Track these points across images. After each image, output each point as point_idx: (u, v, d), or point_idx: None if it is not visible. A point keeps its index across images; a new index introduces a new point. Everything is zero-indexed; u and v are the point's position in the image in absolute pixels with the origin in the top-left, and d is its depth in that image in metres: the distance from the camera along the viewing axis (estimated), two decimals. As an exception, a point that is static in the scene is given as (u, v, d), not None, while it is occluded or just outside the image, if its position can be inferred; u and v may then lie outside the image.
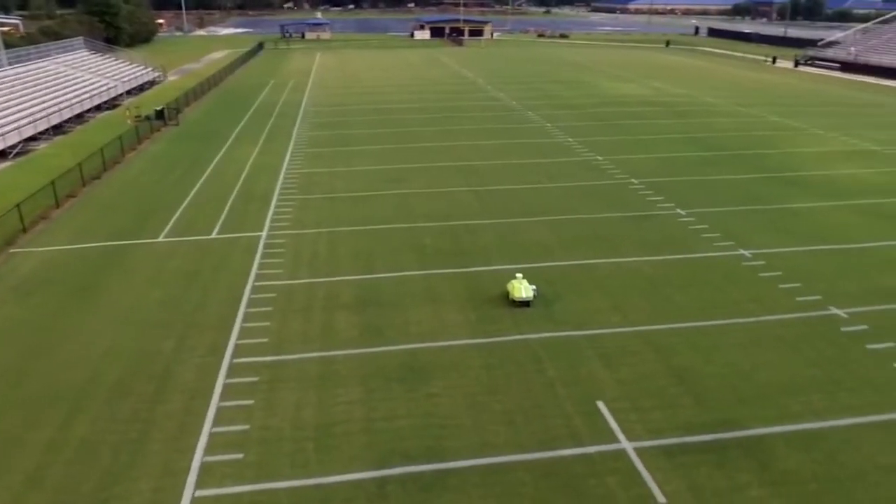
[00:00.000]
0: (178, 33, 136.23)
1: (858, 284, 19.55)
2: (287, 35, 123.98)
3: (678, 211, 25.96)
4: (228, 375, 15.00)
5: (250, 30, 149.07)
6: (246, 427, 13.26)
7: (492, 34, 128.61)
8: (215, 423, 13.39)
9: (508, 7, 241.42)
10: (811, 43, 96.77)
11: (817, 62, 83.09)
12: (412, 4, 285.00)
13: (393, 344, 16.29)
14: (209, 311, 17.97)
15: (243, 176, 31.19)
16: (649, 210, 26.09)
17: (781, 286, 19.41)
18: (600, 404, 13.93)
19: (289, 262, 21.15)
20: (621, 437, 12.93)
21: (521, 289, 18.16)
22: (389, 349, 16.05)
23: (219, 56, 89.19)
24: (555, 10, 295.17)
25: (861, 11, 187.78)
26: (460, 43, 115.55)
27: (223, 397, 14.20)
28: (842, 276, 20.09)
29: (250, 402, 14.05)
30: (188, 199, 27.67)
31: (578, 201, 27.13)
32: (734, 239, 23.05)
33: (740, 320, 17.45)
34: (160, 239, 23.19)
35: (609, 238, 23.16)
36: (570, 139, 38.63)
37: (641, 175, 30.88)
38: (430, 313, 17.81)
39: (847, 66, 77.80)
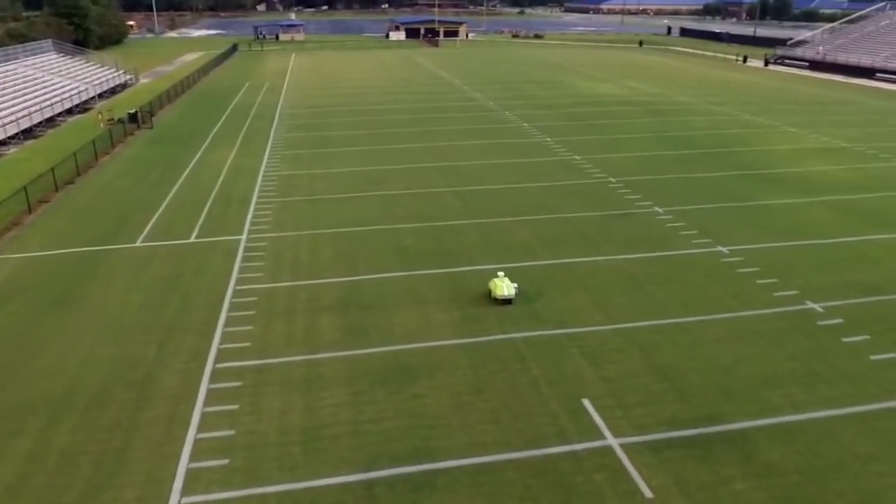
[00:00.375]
0: (150, 35, 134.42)
1: (833, 279, 19.95)
2: (261, 36, 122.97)
3: (656, 209, 26.25)
4: (212, 380, 14.85)
5: (223, 31, 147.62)
6: (231, 432, 13.13)
7: (467, 35, 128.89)
8: (200, 428, 13.25)
9: (483, 8, 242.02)
10: (780, 42, 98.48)
11: (787, 61, 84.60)
12: (386, 5, 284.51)
13: (378, 345, 16.25)
14: (190, 315, 17.76)
15: (221, 179, 30.88)
16: (628, 208, 26.36)
17: (759, 282, 19.74)
18: (585, 402, 14.04)
19: (270, 266, 20.99)
20: (607, 433, 13.04)
21: (503, 287, 18.28)
22: (374, 351, 16.01)
23: (192, 58, 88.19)
24: (528, 10, 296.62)
25: (827, 11, 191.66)
26: (436, 44, 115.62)
27: (207, 402, 14.05)
28: (817, 271, 20.48)
29: (235, 406, 13.92)
30: (165, 202, 27.33)
31: (559, 200, 27.31)
32: (712, 236, 23.38)
33: (720, 316, 17.71)
34: (138, 244, 22.86)
35: (590, 236, 23.35)
36: (548, 139, 38.87)
37: (619, 174, 31.18)
38: (414, 314, 17.80)
39: (815, 65, 79.34)
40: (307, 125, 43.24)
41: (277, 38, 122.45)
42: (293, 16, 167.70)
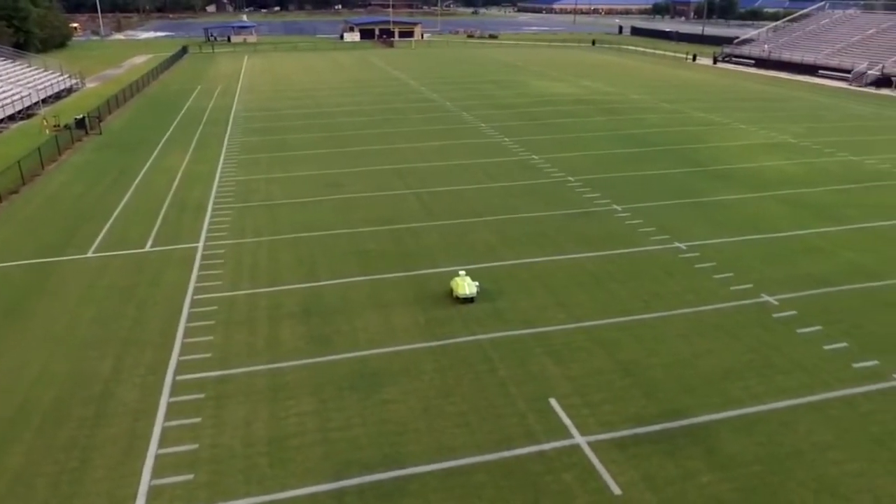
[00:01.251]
0: (95, 37, 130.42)
1: (786, 272, 20.55)
2: (212, 38, 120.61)
3: (615, 207, 26.64)
4: (172, 394, 14.46)
5: (172, 33, 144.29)
6: (195, 446, 12.80)
7: (422, 35, 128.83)
8: (161, 444, 12.88)
9: (437, 8, 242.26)
10: (727, 41, 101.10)
11: (734, 59, 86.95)
12: (339, 6, 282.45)
13: (342, 352, 16.07)
14: (147, 327, 17.27)
15: (175, 185, 30.14)
16: (587, 207, 26.68)
17: (716, 276, 20.20)
18: (552, 401, 14.13)
19: (229, 273, 20.56)
20: (575, 432, 13.15)
21: (465, 285, 18.47)
22: (339, 357, 15.83)
23: (140, 61, 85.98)
24: (482, 10, 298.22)
25: (770, 10, 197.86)
26: (391, 44, 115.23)
27: (168, 417, 13.68)
28: (771, 265, 21.07)
29: (197, 419, 13.58)
30: (117, 211, 26.54)
31: (519, 200, 27.48)
32: (669, 232, 23.83)
33: (680, 311, 18.05)
34: (89, 254, 22.14)
35: (551, 236, 23.55)
36: (506, 139, 39.09)
37: (577, 173, 31.55)
38: (378, 319, 17.67)
39: (761, 63, 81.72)
40: (263, 129, 42.57)
41: (229, 39, 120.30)
42: (245, 17, 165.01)
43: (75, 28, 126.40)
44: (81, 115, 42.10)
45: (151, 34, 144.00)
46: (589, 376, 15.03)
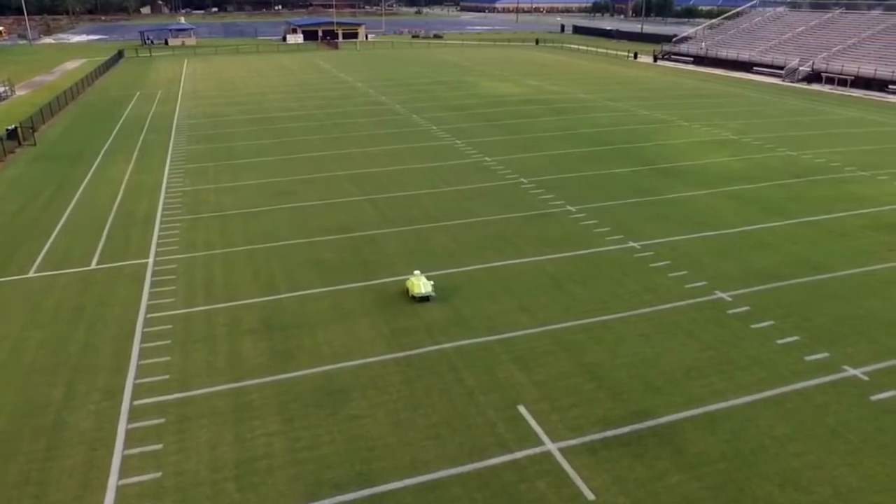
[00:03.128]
0: (22, 42, 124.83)
1: (738, 268, 21.17)
2: (148, 42, 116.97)
3: (569, 208, 26.97)
4: (130, 419, 13.91)
5: (105, 36, 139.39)
6: (157, 475, 12.34)
7: (366, 36, 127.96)
8: (122, 474, 12.37)
9: (379, 7, 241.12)
10: (667, 39, 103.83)
11: (673, 56, 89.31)
12: (280, 7, 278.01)
13: (306, 367, 15.76)
14: (99, 350, 16.58)
15: (119, 198, 29.08)
16: (543, 209, 26.93)
17: (671, 275, 20.66)
18: (521, 408, 14.18)
19: (182, 289, 19.94)
20: (545, 439, 13.23)
21: (420, 285, 18.81)
22: (303, 373, 15.52)
23: (74, 66, 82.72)
24: (425, 9, 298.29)
25: (705, 8, 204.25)
26: (335, 46, 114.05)
27: (128, 444, 13.15)
28: (723, 261, 21.67)
29: (159, 446, 13.10)
30: (59, 227, 25.42)
31: (475, 204, 27.53)
32: (623, 232, 24.27)
33: (640, 311, 18.38)
34: (31, 274, 21.13)
35: (509, 239, 23.67)
36: (458, 141, 39.14)
37: (531, 174, 31.82)
38: (341, 331, 17.41)
39: (699, 60, 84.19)
40: (208, 136, 41.49)
41: (167, 43, 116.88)
42: (182, 19, 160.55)
43: (0, 32, 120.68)
44: (13, 126, 40.19)
45: (83, 38, 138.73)
46: (556, 381, 15.14)
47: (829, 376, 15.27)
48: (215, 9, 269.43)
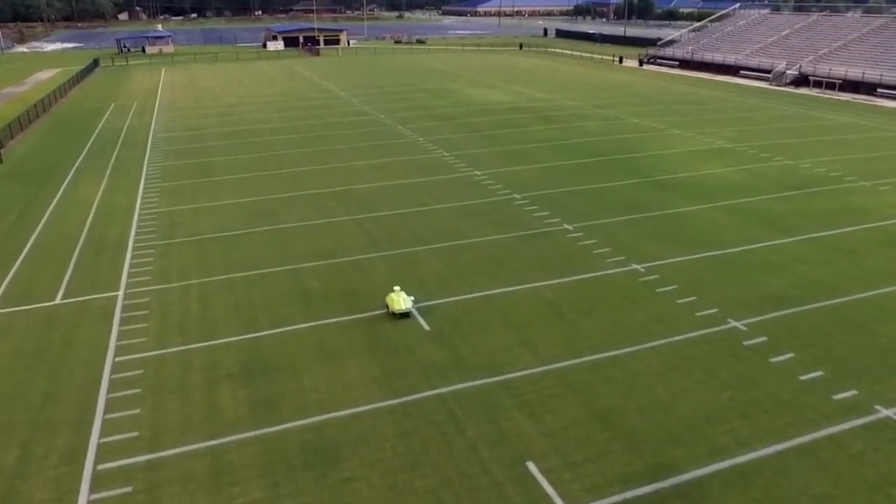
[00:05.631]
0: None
1: (747, 292, 20.00)
2: (125, 50, 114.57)
3: (566, 226, 25.72)
4: (94, 489, 12.39)
5: (82, 44, 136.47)
6: (122, 560, 10.86)
7: (348, 42, 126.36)
8: (82, 560, 10.87)
9: (360, 13, 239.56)
10: (650, 42, 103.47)
11: (659, 60, 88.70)
12: (260, 12, 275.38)
13: (291, 419, 14.32)
14: (61, 402, 15.01)
15: (89, 221, 27.40)
16: (538, 227, 25.65)
17: (679, 301, 19.44)
18: (531, 465, 12.84)
19: (155, 328, 18.38)
20: (560, 503, 11.89)
21: (400, 301, 18.32)
22: (288, 427, 14.07)
23: (46, 76, 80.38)
24: (407, 14, 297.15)
25: (686, 10, 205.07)
26: (317, 52, 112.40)
27: (89, 522, 11.65)
28: (731, 284, 20.50)
29: (125, 522, 11.61)
30: (23, 254, 23.73)
31: (466, 223, 26.19)
32: (624, 252, 23.04)
33: (650, 345, 17.12)
34: (-10, 312, 19.49)
35: (504, 262, 22.34)
36: (446, 154, 37.80)
37: (523, 189, 30.55)
38: (328, 374, 15.97)
39: (685, 64, 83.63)
40: (186, 151, 39.80)
41: (144, 50, 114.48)
42: (160, 26, 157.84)
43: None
44: (-21, 143, 38.30)
45: (58, 46, 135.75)
46: (566, 431, 13.82)
47: (862, 418, 14.09)
48: (194, 15, 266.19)
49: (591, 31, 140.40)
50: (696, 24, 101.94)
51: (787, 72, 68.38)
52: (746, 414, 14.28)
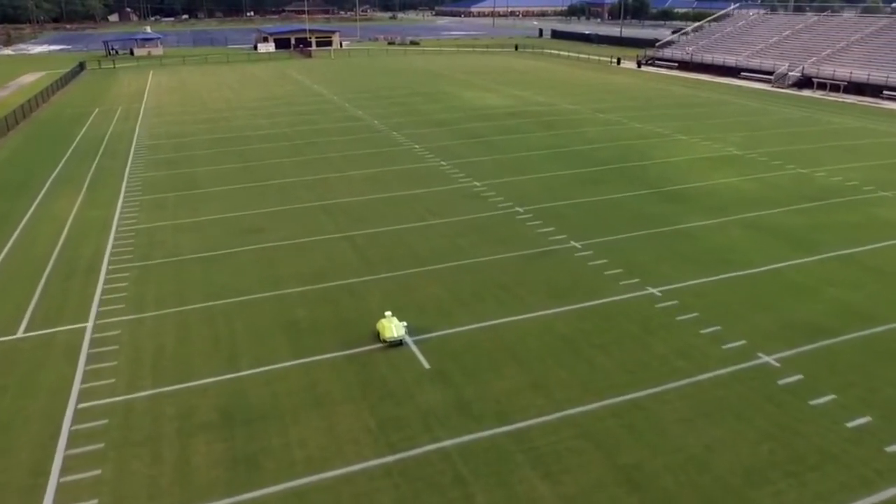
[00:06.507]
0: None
1: (776, 320, 18.31)
2: (112, 52, 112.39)
3: (573, 244, 24.00)
4: (41, 576, 10.59)
5: (69, 47, 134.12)
6: None
7: (340, 44, 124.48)
8: None
9: (353, 13, 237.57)
10: (647, 42, 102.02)
11: (657, 62, 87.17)
12: (252, 13, 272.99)
13: (275, 481, 12.53)
14: (12, 462, 13.18)
15: (62, 239, 25.54)
16: (543, 245, 23.92)
17: (702, 332, 17.74)
18: (550, 541, 11.11)
19: (125, 367, 16.55)
20: (587, 592, 10.16)
21: (392, 328, 16.91)
22: (272, 491, 12.28)
23: (30, 80, 78.26)
24: (400, 14, 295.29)
25: (681, 10, 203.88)
26: (309, 55, 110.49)
27: None
28: (757, 311, 18.80)
29: None
30: (-14, 280, 21.88)
31: (466, 240, 24.44)
32: (638, 274, 21.33)
33: (674, 385, 15.41)
34: (-58, 349, 17.62)
35: (510, 286, 20.60)
36: (443, 162, 36.05)
37: (526, 201, 28.82)
38: (317, 424, 14.19)
39: (684, 65, 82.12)
40: (169, 161, 37.91)
41: (132, 53, 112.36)
42: (149, 28, 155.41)
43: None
44: (-49, 153, 36.35)
45: (45, 48, 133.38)
46: (588, 494, 12.08)
47: (923, 478, 12.41)
48: (186, 16, 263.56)
49: (586, 32, 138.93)
50: (694, 25, 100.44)
51: (790, 73, 66.92)
52: (791, 472, 12.57)
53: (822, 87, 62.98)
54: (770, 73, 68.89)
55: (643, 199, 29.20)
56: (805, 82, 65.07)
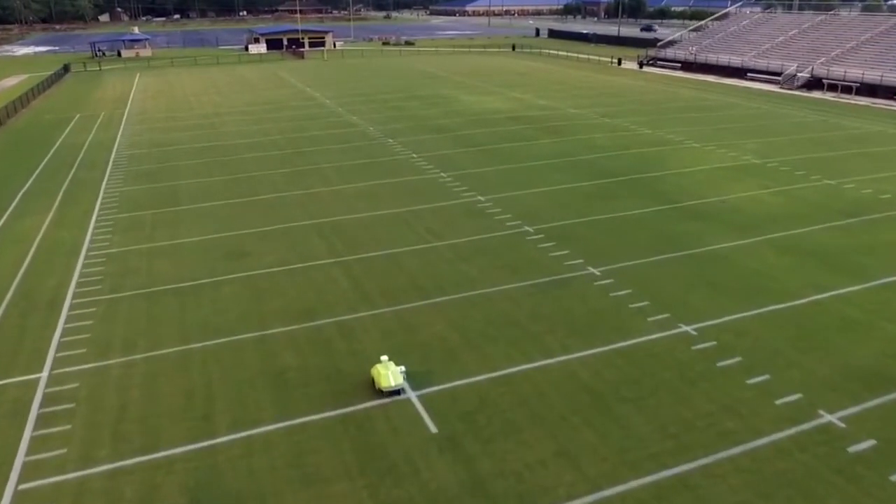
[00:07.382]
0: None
1: (831, 366, 16.02)
2: (99, 54, 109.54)
3: (591, 270, 21.67)
4: None
5: (56, 48, 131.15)
6: None
7: (334, 44, 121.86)
8: None
9: (347, 13, 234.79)
10: (645, 42, 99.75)
11: (659, 62, 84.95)
12: (244, 13, 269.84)
13: None
14: (-71, 570, 10.80)
15: (25, 265, 23.09)
16: (558, 272, 21.58)
17: (750, 382, 15.42)
18: None
19: (80, 431, 14.14)
20: None
21: (389, 375, 14.75)
22: None
23: (12, 83, 75.50)
24: (395, 14, 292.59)
25: (678, 9, 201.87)
26: (301, 55, 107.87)
27: None
28: (808, 355, 16.50)
29: None
30: (-66, 317, 19.42)
31: (473, 267, 22.08)
32: (668, 307, 19.00)
33: (725, 454, 13.08)
34: None
35: (524, 324, 18.25)
36: (444, 174, 33.65)
37: (535, 219, 26.47)
38: (304, 512, 11.82)
39: (687, 66, 79.93)
40: (150, 172, 35.41)
41: (119, 54, 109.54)
42: (136, 29, 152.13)
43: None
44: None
45: (31, 49, 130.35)
46: None
47: None
48: (177, 16, 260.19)
49: (584, 32, 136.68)
50: (698, 24, 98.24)
51: (799, 74, 64.75)
52: (885, 579, 10.28)
53: (832, 88, 60.83)
54: (778, 74, 66.72)
55: (662, 215, 26.89)
56: (815, 83, 62.92)
